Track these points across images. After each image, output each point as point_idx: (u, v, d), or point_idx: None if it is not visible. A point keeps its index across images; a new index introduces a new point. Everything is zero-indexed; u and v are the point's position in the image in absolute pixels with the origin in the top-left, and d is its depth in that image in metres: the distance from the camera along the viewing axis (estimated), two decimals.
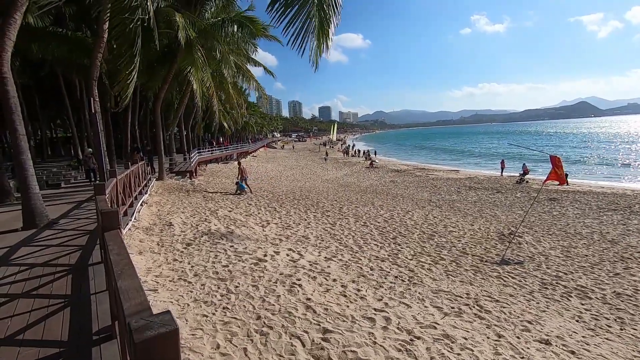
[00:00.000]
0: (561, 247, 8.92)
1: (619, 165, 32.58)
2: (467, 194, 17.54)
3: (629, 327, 5.05)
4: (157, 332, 0.99)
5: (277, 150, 67.70)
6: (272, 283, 5.00)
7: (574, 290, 6.32)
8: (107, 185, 5.83)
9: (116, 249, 2.17)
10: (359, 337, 3.51)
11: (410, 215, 12.01)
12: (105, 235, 2.51)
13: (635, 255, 8.27)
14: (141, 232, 7.56)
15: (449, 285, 6.04)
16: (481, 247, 8.69)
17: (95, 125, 9.84)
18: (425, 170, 30.81)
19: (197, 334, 3.49)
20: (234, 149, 40.23)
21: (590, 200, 15.08)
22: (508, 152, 44.16)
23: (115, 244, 2.27)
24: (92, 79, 10.19)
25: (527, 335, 4.29)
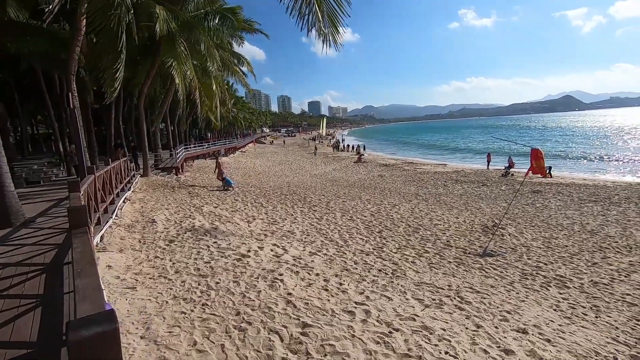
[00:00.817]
0: (543, 238, 9.10)
1: (600, 159, 33.37)
2: (453, 187, 17.74)
3: (604, 315, 5.19)
4: (94, 331, 0.95)
5: (266, 145, 67.34)
6: (254, 278, 4.97)
7: (553, 280, 6.45)
8: (84, 182, 5.69)
9: (80, 247, 2.11)
10: (338, 331, 3.51)
11: (397, 209, 12.09)
12: (72, 233, 2.45)
13: (612, 245, 8.49)
14: (122, 229, 7.43)
15: (432, 278, 6.10)
16: (465, 240, 8.80)
17: (74, 120, 9.60)
18: (413, 164, 31.03)
19: (174, 331, 3.45)
20: (221, 145, 39.81)
21: (572, 192, 15.41)
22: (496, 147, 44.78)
23: (80, 242, 2.21)
24: (70, 74, 9.94)
25: (505, 325, 4.36)
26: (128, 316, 3.69)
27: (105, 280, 4.57)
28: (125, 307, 3.90)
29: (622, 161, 30.78)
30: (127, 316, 3.68)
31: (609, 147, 43.57)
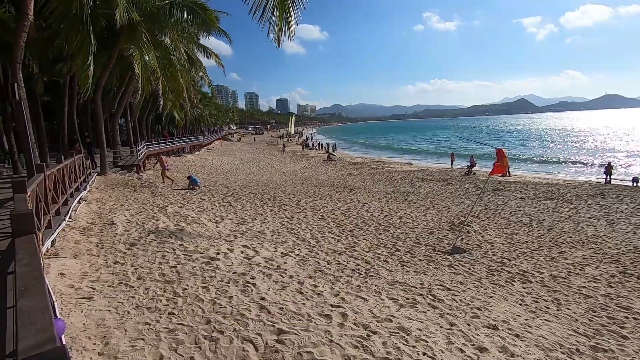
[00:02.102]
0: (505, 234, 9.51)
1: (553, 158, 35.74)
2: (420, 185, 18.20)
3: (564, 308, 5.46)
4: None
5: (234, 143, 65.84)
6: (225, 283, 4.73)
7: (517, 275, 6.73)
8: (32, 182, 5.15)
9: (25, 259, 1.82)
10: (315, 337, 3.39)
11: (367, 208, 12.17)
12: (16, 242, 2.13)
13: (568, 240, 9.03)
14: (77, 232, 6.85)
15: (404, 276, 6.14)
16: (434, 237, 9.01)
17: (20, 114, 8.74)
18: (381, 163, 31.57)
19: (138, 344, 3.17)
20: (186, 142, 38.36)
21: (530, 190, 16.32)
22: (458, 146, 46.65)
23: (25, 253, 1.91)
24: (16, 62, 9.03)
25: (477, 322, 4.45)
26: (84, 330, 3.34)
27: (57, 290, 4.15)
28: (81, 319, 3.54)
29: (572, 161, 33.14)
30: (82, 330, 3.34)
31: (561, 148, 46.84)
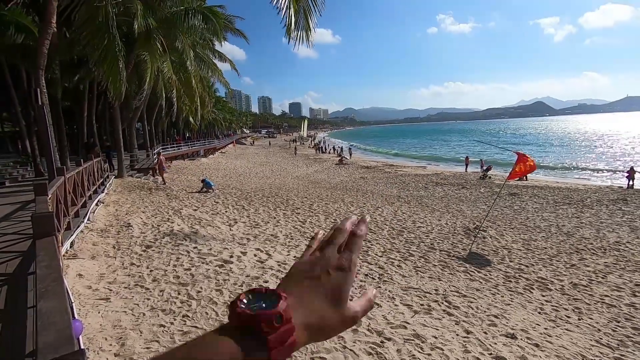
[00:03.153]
0: (522, 240, 9.28)
1: (573, 163, 34.81)
2: (434, 189, 17.96)
3: (586, 317, 5.27)
4: None
5: (247, 146, 66.46)
6: (238, 286, 4.75)
7: (535, 283, 6.54)
8: (53, 184, 5.30)
9: (45, 260, 1.86)
10: (328, 342, 3.36)
11: (380, 212, 12.07)
12: (37, 244, 2.18)
13: (588, 246, 8.74)
14: (95, 234, 7.00)
15: (418, 282, 6.05)
16: (448, 242, 8.85)
17: (43, 118, 9.03)
18: (394, 166, 31.34)
19: (152, 347, 3.19)
20: (201, 145, 38.93)
21: (548, 194, 15.90)
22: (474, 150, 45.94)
23: (45, 254, 1.95)
24: (39, 68, 9.34)
25: (494, 330, 4.34)
26: (101, 331, 3.40)
27: (75, 291, 4.23)
28: (98, 320, 3.60)
29: (592, 165, 32.20)
30: (99, 331, 3.39)
31: (580, 152, 45.60)
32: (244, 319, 0.31)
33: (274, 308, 0.32)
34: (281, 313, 0.32)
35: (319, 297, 0.37)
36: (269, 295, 0.34)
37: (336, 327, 0.38)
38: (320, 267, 0.39)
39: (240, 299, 0.33)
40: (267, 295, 0.34)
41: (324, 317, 0.36)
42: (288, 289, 0.36)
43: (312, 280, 0.38)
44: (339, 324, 0.38)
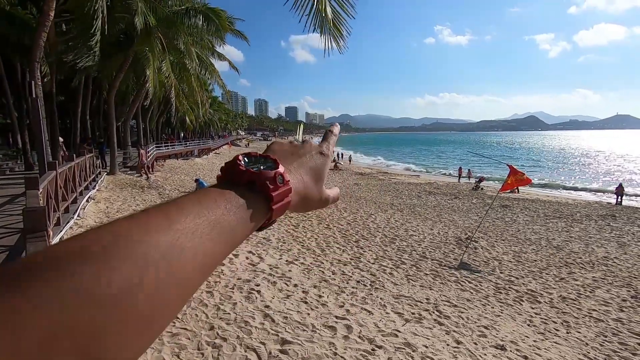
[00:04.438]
0: (513, 252, 9.36)
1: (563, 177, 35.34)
2: (427, 198, 18.07)
3: (574, 331, 5.32)
4: None
5: (242, 148, 66.23)
6: (229, 289, 4.69)
7: (525, 295, 6.59)
8: (44, 179, 5.21)
9: None
10: (319, 348, 3.33)
11: (373, 219, 12.09)
12: (27, 239, 2.13)
13: (577, 261, 8.85)
14: None
15: (410, 290, 6.05)
16: (440, 252, 8.88)
17: (36, 111, 8.90)
18: (387, 174, 31.50)
19: None
20: (195, 145, 38.72)
21: (539, 208, 16.09)
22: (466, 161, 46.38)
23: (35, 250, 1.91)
24: (35, 61, 9.23)
25: (484, 341, 4.34)
26: None
27: None
28: None
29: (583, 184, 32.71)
30: None
31: (573, 169, 46.34)
32: (249, 176, 0.34)
33: (275, 169, 0.36)
34: (282, 174, 0.36)
35: (305, 171, 0.41)
36: (265, 159, 0.37)
37: (315, 201, 0.43)
38: (304, 150, 0.44)
39: (239, 159, 0.36)
40: (263, 159, 0.37)
41: (308, 187, 0.41)
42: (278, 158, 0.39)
43: (299, 157, 0.42)
44: (317, 199, 0.43)
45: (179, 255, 0.26)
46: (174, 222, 0.27)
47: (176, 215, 0.28)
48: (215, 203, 0.31)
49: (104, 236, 0.23)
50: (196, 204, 0.30)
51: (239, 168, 0.35)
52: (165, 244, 0.25)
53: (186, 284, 0.27)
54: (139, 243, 0.24)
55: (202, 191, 0.32)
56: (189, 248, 0.27)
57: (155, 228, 0.26)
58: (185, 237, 0.27)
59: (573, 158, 62.81)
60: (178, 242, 0.26)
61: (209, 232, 0.29)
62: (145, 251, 0.24)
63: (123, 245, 0.23)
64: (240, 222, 0.32)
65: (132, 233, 0.25)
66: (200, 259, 0.28)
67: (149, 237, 0.25)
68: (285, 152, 0.43)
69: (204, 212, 0.29)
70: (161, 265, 0.24)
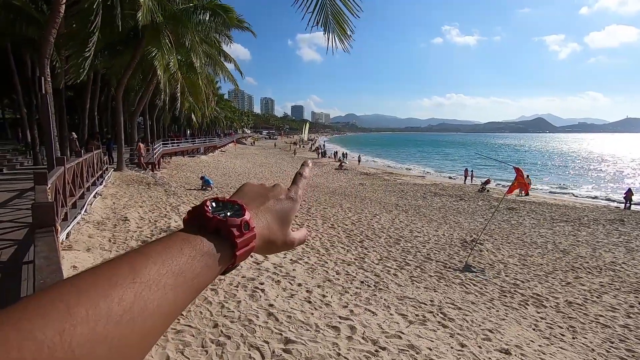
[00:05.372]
0: (518, 255, 9.28)
1: (571, 180, 34.95)
2: (432, 200, 17.97)
3: (580, 336, 5.26)
4: None
5: (247, 146, 66.44)
6: (233, 287, 4.71)
7: (530, 299, 6.53)
8: (52, 174, 5.26)
9: (44, 251, 1.83)
10: (322, 348, 3.33)
11: (378, 219, 12.05)
12: (36, 234, 2.15)
13: (584, 265, 8.75)
14: (91, 226, 6.95)
15: (414, 292, 6.02)
16: (445, 253, 8.83)
17: (45, 107, 8.99)
18: (393, 174, 31.38)
19: None
20: (201, 143, 38.90)
21: (545, 211, 15.93)
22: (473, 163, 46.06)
23: (45, 245, 1.93)
24: (44, 57, 9.32)
25: (489, 345, 4.31)
26: None
27: None
28: None
29: (590, 184, 32.32)
30: None
31: (579, 170, 45.81)
32: (216, 224, 0.36)
33: (242, 217, 0.37)
34: (248, 221, 0.37)
35: (271, 216, 0.42)
36: (231, 205, 0.39)
37: (280, 244, 0.44)
38: (273, 194, 0.45)
39: (206, 205, 0.37)
40: (229, 205, 0.38)
41: (273, 232, 0.42)
42: (245, 203, 0.40)
43: (266, 201, 0.43)
44: (282, 242, 0.44)
45: (142, 308, 0.27)
46: (138, 274, 0.28)
47: (141, 266, 0.28)
48: (180, 252, 0.32)
49: (68, 292, 0.24)
50: (162, 253, 0.31)
51: (206, 214, 0.36)
52: (128, 298, 0.26)
53: (149, 334, 0.27)
54: (103, 298, 0.25)
55: (169, 237, 0.33)
56: (152, 300, 0.27)
57: (121, 281, 0.26)
58: (149, 289, 0.28)
59: (581, 161, 62.02)
60: (142, 295, 0.27)
61: (172, 282, 0.29)
62: (109, 307, 0.24)
63: (85, 301, 0.24)
64: (205, 268, 0.33)
65: (97, 287, 0.25)
66: (164, 309, 0.28)
67: (113, 292, 0.25)
68: (254, 195, 0.44)
69: (169, 262, 0.30)
70: (124, 319, 0.25)
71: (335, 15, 5.12)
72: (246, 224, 0.37)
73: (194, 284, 0.32)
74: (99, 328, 0.23)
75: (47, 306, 0.22)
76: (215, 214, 0.36)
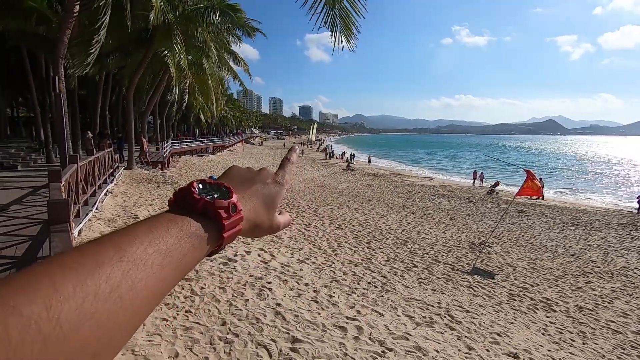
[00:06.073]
0: (528, 258, 9.17)
1: (583, 184, 34.37)
2: (440, 201, 17.85)
3: (591, 342, 5.18)
4: None
5: (255, 146, 66.75)
6: (241, 285, 4.74)
7: (540, 303, 6.45)
8: (66, 172, 5.37)
9: (60, 247, 1.88)
10: (329, 348, 3.34)
11: (385, 220, 12.02)
12: (51, 230, 2.20)
13: (595, 270, 8.61)
14: (102, 223, 7.05)
15: (421, 294, 5.99)
16: (453, 256, 8.78)
17: (59, 106, 9.17)
18: (400, 175, 31.24)
19: (155, 340, 3.20)
20: (210, 142, 39.22)
21: (555, 214, 15.71)
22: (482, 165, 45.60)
23: (60, 241, 1.97)
24: (59, 57, 9.50)
25: (497, 348, 4.27)
26: None
27: None
28: None
29: (602, 187, 31.75)
30: None
31: (591, 173, 45.01)
32: (203, 205, 0.35)
33: (229, 199, 0.37)
34: (235, 204, 0.37)
35: (258, 199, 0.43)
36: (218, 187, 0.38)
37: (266, 228, 0.44)
38: (260, 177, 0.45)
39: (193, 186, 0.37)
40: (217, 187, 0.38)
41: (259, 216, 0.42)
42: (233, 186, 0.40)
43: (253, 184, 0.44)
44: (268, 226, 0.44)
45: (130, 286, 0.26)
46: (125, 253, 0.28)
47: (127, 246, 0.28)
48: (167, 231, 0.31)
49: (54, 269, 0.24)
50: (148, 233, 0.30)
51: (193, 195, 0.35)
52: (116, 276, 0.26)
53: (136, 313, 0.27)
54: (90, 276, 0.24)
55: (155, 218, 0.33)
56: (139, 279, 0.27)
57: (107, 260, 0.26)
58: (137, 268, 0.27)
59: (594, 164, 60.82)
60: (129, 273, 0.27)
61: (160, 262, 0.29)
62: (96, 284, 0.24)
63: (72, 277, 0.23)
64: (192, 249, 0.33)
65: (84, 265, 0.25)
66: (151, 289, 0.28)
67: (100, 269, 0.25)
68: (241, 178, 0.44)
69: (156, 242, 0.30)
70: (112, 297, 0.25)
71: (342, 16, 5.13)
72: (234, 206, 0.37)
73: (181, 265, 0.31)
74: (87, 305, 0.23)
75: (32, 282, 0.22)
76: (202, 195, 0.36)
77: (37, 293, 0.21)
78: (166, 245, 0.31)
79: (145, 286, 0.28)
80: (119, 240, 0.29)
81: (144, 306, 0.28)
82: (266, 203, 0.43)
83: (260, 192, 0.43)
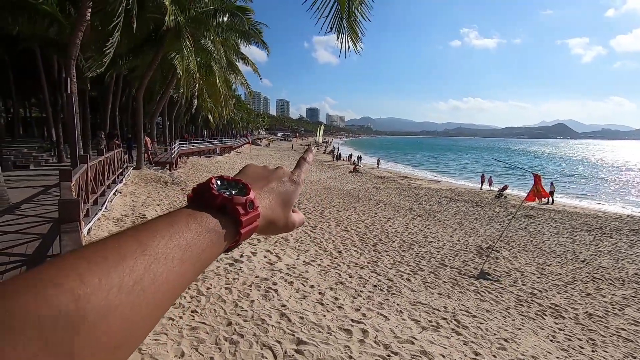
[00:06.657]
0: (536, 264, 9.04)
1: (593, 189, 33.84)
2: (447, 205, 17.72)
3: (600, 350, 5.09)
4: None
5: (262, 147, 67.03)
6: (247, 286, 4.77)
7: (548, 309, 6.36)
8: (76, 172, 5.45)
9: (70, 246, 1.91)
10: (334, 351, 3.33)
11: (392, 223, 11.96)
12: (61, 229, 2.24)
13: (606, 276, 8.46)
14: (111, 223, 7.15)
15: (427, 298, 5.95)
16: (460, 260, 8.70)
17: (70, 106, 9.33)
18: (407, 178, 31.10)
19: (161, 339, 3.23)
20: (217, 143, 39.52)
21: (565, 219, 15.49)
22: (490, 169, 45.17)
23: (70, 240, 2.00)
24: (71, 58, 9.68)
25: (504, 354, 4.22)
26: None
27: None
28: None
29: (614, 193, 31.22)
30: None
31: (602, 178, 44.30)
32: (221, 201, 0.36)
33: (247, 195, 0.37)
34: (253, 200, 0.38)
35: (274, 197, 0.43)
36: (236, 183, 0.39)
37: (281, 226, 0.44)
38: (276, 175, 0.46)
39: (212, 182, 0.37)
40: (235, 183, 0.39)
41: (275, 213, 0.43)
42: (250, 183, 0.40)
43: (270, 183, 0.44)
44: (283, 224, 0.44)
45: (152, 279, 0.27)
46: (147, 247, 0.28)
47: (149, 240, 0.29)
48: (187, 226, 0.32)
49: (79, 262, 0.24)
50: (169, 228, 0.31)
51: (211, 191, 0.36)
52: (139, 269, 0.27)
53: (158, 306, 0.28)
54: (114, 268, 0.25)
55: (174, 213, 0.34)
56: (161, 272, 0.28)
57: (130, 254, 0.27)
58: (158, 262, 0.28)
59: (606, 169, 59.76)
60: (151, 267, 0.27)
61: (180, 256, 0.30)
62: (120, 276, 0.25)
63: (97, 270, 0.24)
64: (210, 244, 0.33)
65: (107, 259, 0.26)
66: (172, 282, 0.29)
67: (124, 262, 0.26)
68: (257, 176, 0.45)
69: (176, 236, 0.31)
70: (136, 289, 0.26)
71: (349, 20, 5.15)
72: (251, 203, 0.37)
73: (200, 260, 0.32)
74: (111, 297, 0.24)
75: (60, 275, 0.23)
76: (220, 191, 0.36)
77: (65, 285, 0.22)
78: (186, 240, 0.31)
79: (166, 280, 0.28)
80: (140, 235, 0.29)
81: (165, 300, 0.29)
82: (282, 201, 0.44)
83: (277, 190, 0.44)
